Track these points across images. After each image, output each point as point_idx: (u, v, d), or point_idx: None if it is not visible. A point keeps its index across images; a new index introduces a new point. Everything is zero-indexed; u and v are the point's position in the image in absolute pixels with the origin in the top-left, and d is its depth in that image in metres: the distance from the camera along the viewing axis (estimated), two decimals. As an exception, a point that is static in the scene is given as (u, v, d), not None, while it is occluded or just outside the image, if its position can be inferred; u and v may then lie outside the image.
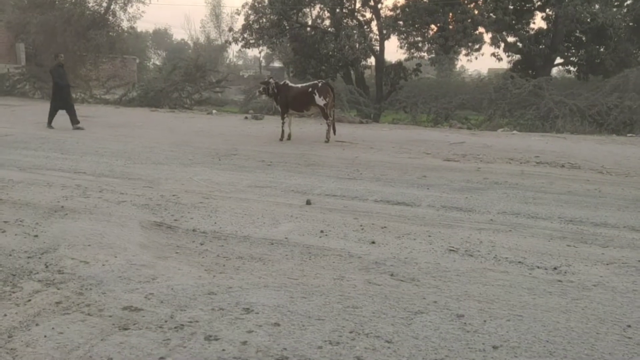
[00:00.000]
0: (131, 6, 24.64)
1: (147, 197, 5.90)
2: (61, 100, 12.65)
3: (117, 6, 24.47)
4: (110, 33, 24.26)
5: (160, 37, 54.58)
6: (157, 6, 60.59)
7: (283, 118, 11.48)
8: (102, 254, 4.03)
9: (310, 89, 11.03)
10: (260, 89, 11.81)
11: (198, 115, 17.90)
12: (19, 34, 24.63)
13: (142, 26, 51.88)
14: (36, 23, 21.81)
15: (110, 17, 24.39)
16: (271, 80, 11.57)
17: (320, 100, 10.87)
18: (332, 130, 11.21)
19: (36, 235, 4.48)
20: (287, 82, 11.90)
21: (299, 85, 11.76)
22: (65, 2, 23.21)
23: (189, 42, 52.11)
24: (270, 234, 4.67)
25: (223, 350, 2.76)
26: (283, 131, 11.40)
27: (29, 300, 3.28)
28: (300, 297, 3.35)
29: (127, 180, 6.86)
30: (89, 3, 23.92)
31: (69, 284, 3.52)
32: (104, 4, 24.26)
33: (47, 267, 3.81)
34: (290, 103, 11.26)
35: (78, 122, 12.53)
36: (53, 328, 2.94)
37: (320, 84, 11.07)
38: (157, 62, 49.54)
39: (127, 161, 8.25)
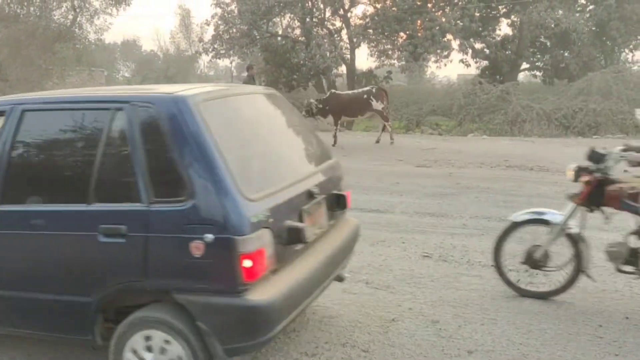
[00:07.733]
0: (98, 18, 24.23)
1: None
2: None
3: (84, 18, 24.02)
4: (77, 46, 23.81)
5: (129, 48, 53.84)
6: (125, 18, 59.94)
7: (336, 125, 12.00)
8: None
9: (365, 96, 11.69)
10: (304, 112, 11.94)
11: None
12: (-18, 48, 24.04)
13: (110, 38, 50.92)
14: (0, 37, 21.32)
15: (77, 30, 23.90)
16: (312, 100, 12.26)
17: (378, 105, 11.51)
18: (390, 132, 11.98)
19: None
20: (334, 91, 12.69)
21: (350, 92, 12.70)
22: (30, 15, 22.71)
23: (159, 53, 51.50)
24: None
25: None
26: (335, 137, 11.83)
27: None
28: (275, 309, 3.32)
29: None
30: (55, 16, 23.45)
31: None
32: (70, 17, 23.82)
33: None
34: (344, 110, 11.85)
35: None
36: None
37: (374, 89, 11.76)
38: (127, 74, 48.96)
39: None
